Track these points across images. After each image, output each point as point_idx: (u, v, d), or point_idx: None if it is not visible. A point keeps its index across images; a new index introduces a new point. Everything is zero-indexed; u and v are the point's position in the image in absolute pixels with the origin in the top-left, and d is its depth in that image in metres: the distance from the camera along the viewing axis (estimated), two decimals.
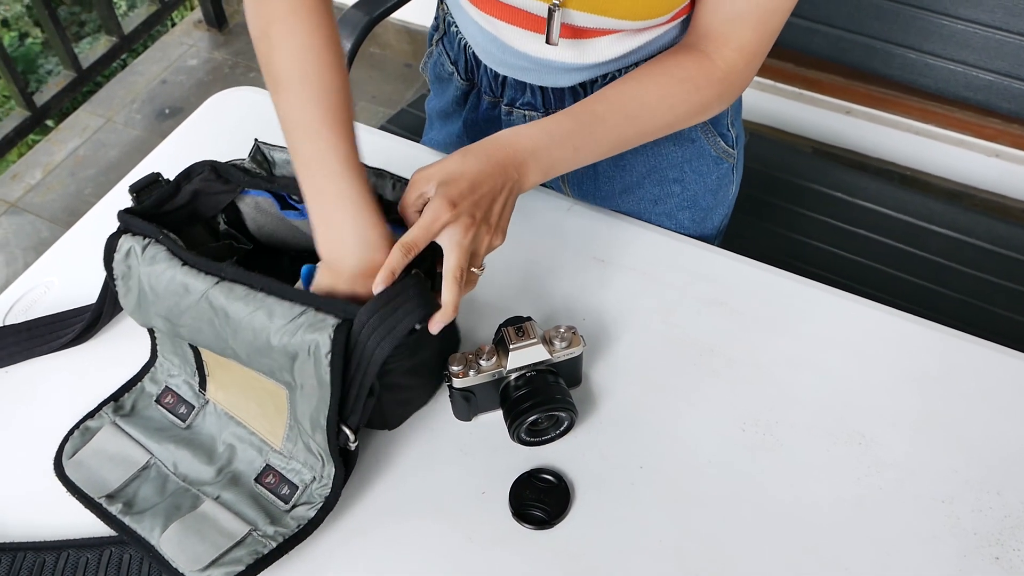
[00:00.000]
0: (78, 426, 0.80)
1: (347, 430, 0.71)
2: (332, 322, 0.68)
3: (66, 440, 0.80)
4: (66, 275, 0.94)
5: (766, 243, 1.25)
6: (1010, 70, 1.16)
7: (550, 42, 0.81)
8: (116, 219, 0.77)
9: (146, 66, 2.39)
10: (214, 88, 2.28)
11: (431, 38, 1.04)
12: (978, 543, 0.72)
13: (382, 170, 0.80)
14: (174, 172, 0.81)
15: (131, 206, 0.78)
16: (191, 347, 0.79)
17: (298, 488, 0.75)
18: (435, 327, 0.70)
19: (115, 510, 0.74)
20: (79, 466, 0.78)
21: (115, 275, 0.76)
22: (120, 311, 0.89)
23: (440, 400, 0.82)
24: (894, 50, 1.22)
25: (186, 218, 0.81)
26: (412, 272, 0.70)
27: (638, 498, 0.76)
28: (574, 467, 0.78)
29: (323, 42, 0.73)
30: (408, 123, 1.40)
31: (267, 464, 0.77)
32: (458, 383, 0.76)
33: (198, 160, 0.81)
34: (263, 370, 0.73)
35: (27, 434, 0.82)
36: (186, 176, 0.80)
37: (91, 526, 0.75)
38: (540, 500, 0.75)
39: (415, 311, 0.68)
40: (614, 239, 0.95)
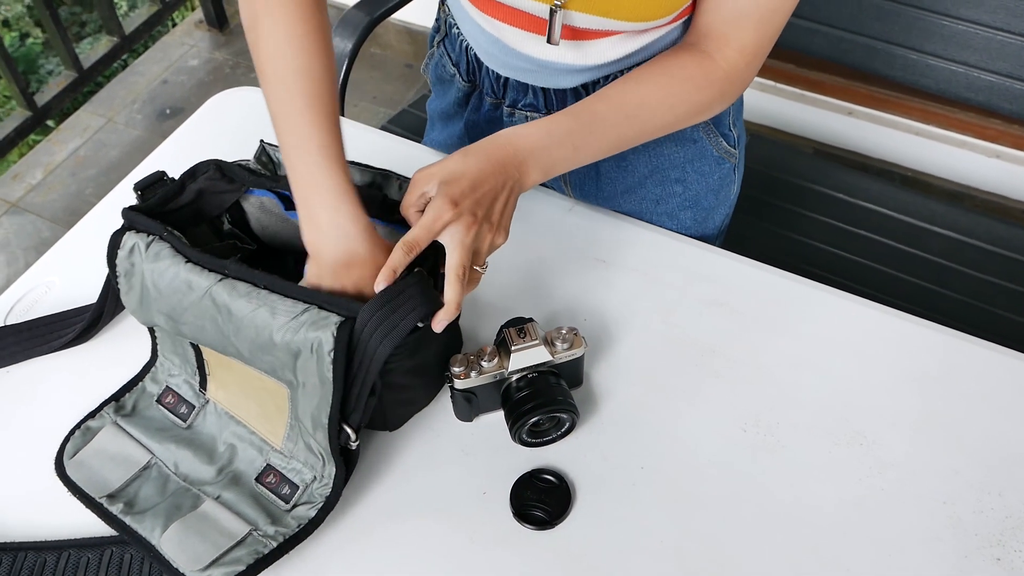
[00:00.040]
0: (79, 426, 0.80)
1: (348, 429, 0.71)
2: (335, 320, 0.68)
3: (67, 440, 0.80)
4: (67, 275, 0.94)
5: (767, 244, 1.25)
6: (1011, 71, 1.16)
7: (551, 42, 0.81)
8: (119, 217, 0.77)
9: (147, 66, 2.39)
10: (215, 88, 2.28)
11: (432, 39, 1.04)
12: (979, 544, 0.72)
13: (388, 171, 0.80)
14: (175, 172, 0.81)
15: (135, 204, 0.78)
16: (192, 346, 0.79)
17: (299, 488, 0.75)
18: (438, 325, 0.70)
19: (116, 510, 0.74)
20: (80, 466, 0.78)
21: (118, 272, 0.76)
22: (121, 310, 0.89)
23: (441, 400, 0.82)
24: (895, 51, 1.22)
25: (190, 217, 0.81)
26: (415, 271, 0.70)
27: (639, 498, 0.76)
28: (575, 468, 0.78)
29: (307, 31, 0.74)
30: (409, 123, 1.41)
31: (268, 464, 0.77)
32: (460, 384, 0.76)
33: (199, 160, 0.81)
34: (265, 368, 0.73)
35: (28, 434, 0.82)
36: (191, 175, 0.80)
37: (92, 526, 0.75)
38: (541, 500, 0.75)
39: (418, 309, 0.68)
40: (615, 240, 0.95)
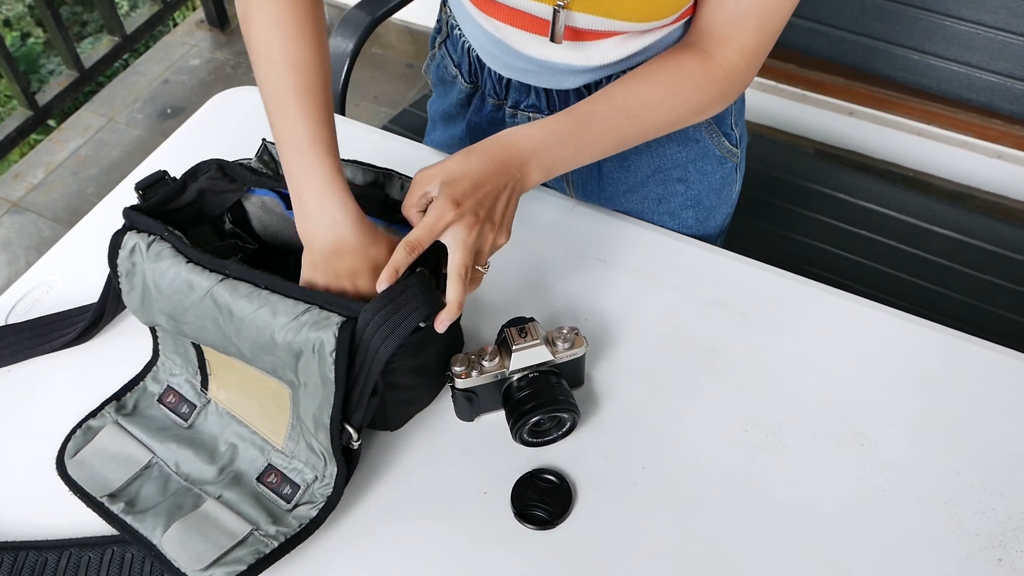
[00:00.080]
0: (80, 425, 0.80)
1: (350, 429, 0.71)
2: (337, 320, 0.68)
3: (68, 439, 0.80)
4: (68, 274, 0.94)
5: (768, 244, 1.25)
6: (1013, 71, 1.16)
7: (555, 40, 0.81)
8: (120, 217, 0.77)
9: (148, 66, 2.39)
10: (216, 88, 2.28)
11: (433, 41, 1.04)
12: (981, 544, 0.72)
13: (389, 170, 0.80)
14: (176, 172, 0.81)
15: (136, 203, 0.78)
16: (193, 346, 0.79)
17: (300, 488, 0.75)
18: (440, 325, 0.70)
19: (117, 509, 0.74)
20: (81, 465, 0.78)
21: (119, 272, 0.76)
22: (122, 310, 0.89)
23: (442, 400, 0.82)
24: (897, 51, 1.22)
25: (192, 217, 0.81)
26: (417, 271, 0.70)
27: (640, 499, 0.76)
28: (576, 467, 0.77)
29: (298, 20, 0.74)
30: (410, 123, 1.41)
31: (269, 463, 0.77)
32: (461, 383, 0.76)
33: (200, 160, 0.81)
34: (266, 368, 0.73)
35: (29, 433, 0.82)
36: (192, 174, 0.80)
37: (93, 525, 0.75)
38: (542, 500, 0.75)
39: (420, 308, 0.68)
40: (616, 239, 0.94)
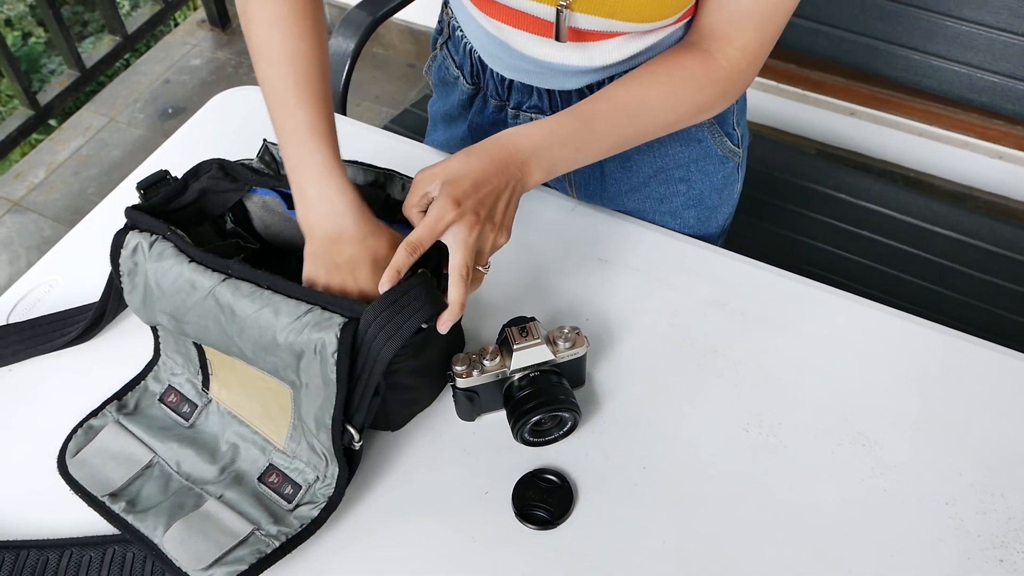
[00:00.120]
0: (81, 424, 0.80)
1: (352, 429, 0.71)
2: (339, 321, 0.68)
3: (69, 438, 0.80)
4: (69, 274, 0.94)
5: (769, 244, 1.25)
6: (1015, 72, 1.16)
7: (560, 39, 0.81)
8: (122, 216, 0.77)
9: (149, 66, 2.39)
10: (217, 88, 2.28)
11: (435, 42, 1.04)
12: (982, 545, 0.72)
13: (391, 170, 0.80)
14: (178, 172, 0.81)
15: (138, 203, 0.78)
16: (195, 345, 0.79)
17: (301, 488, 0.75)
18: (443, 326, 0.70)
19: (118, 509, 0.74)
20: (82, 464, 0.78)
21: (121, 271, 0.76)
22: (123, 309, 0.89)
23: (444, 400, 0.82)
24: (898, 51, 1.22)
25: (193, 216, 0.81)
26: (419, 271, 0.70)
27: (641, 499, 0.76)
28: (577, 467, 0.77)
29: (295, 13, 0.75)
30: (411, 123, 1.41)
31: (270, 463, 0.77)
32: (462, 383, 0.76)
33: (201, 160, 0.81)
34: (268, 368, 0.73)
35: (30, 432, 0.82)
36: (194, 174, 0.80)
37: (94, 524, 0.75)
38: (543, 500, 0.75)
39: (422, 310, 0.68)
40: (618, 239, 0.94)
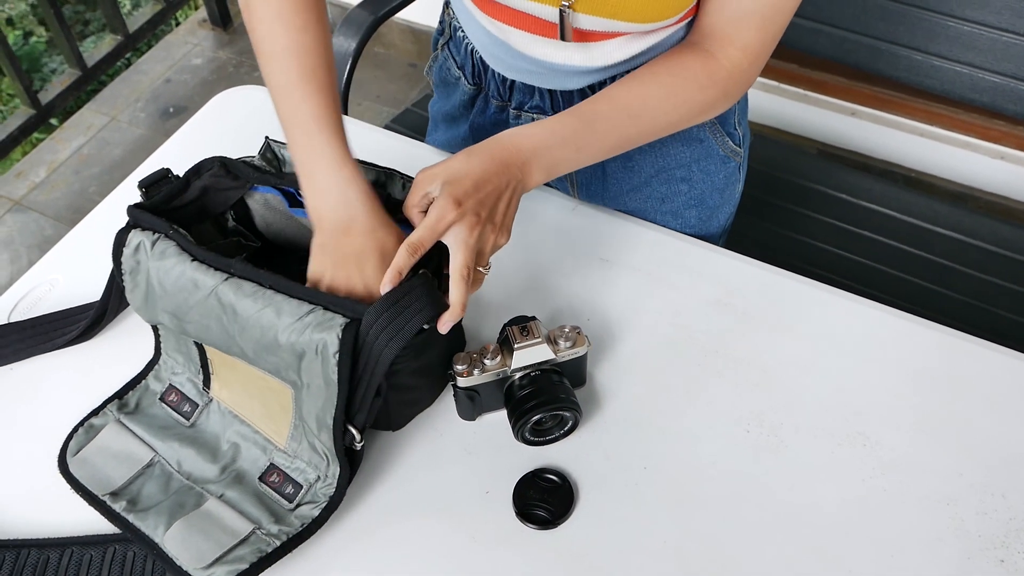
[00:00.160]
0: (82, 423, 0.80)
1: (353, 430, 0.71)
2: (340, 321, 0.68)
3: (70, 437, 0.80)
4: (70, 273, 0.94)
5: (770, 244, 1.25)
6: (1016, 72, 1.15)
7: (564, 39, 0.81)
8: (123, 215, 0.77)
9: (150, 65, 2.39)
10: (218, 87, 2.28)
11: (436, 42, 1.04)
12: (982, 546, 0.72)
13: (392, 169, 0.80)
14: (179, 171, 0.81)
15: (140, 201, 0.78)
16: (196, 345, 0.79)
17: (302, 487, 0.75)
18: (443, 327, 0.70)
19: (119, 508, 0.74)
20: (83, 463, 0.78)
21: (123, 270, 0.76)
22: (124, 308, 0.89)
23: (444, 399, 0.82)
24: (899, 51, 1.22)
25: (195, 214, 0.81)
26: (419, 272, 0.70)
27: (642, 498, 0.76)
28: (578, 467, 0.77)
29: (298, 9, 0.75)
30: (412, 123, 1.41)
31: (271, 463, 0.77)
32: (462, 382, 0.76)
33: (202, 158, 0.81)
34: (269, 368, 0.73)
35: (31, 431, 0.82)
36: (196, 172, 0.80)
37: (95, 523, 0.75)
38: (544, 500, 0.75)
39: (423, 311, 0.68)
40: (619, 239, 0.94)
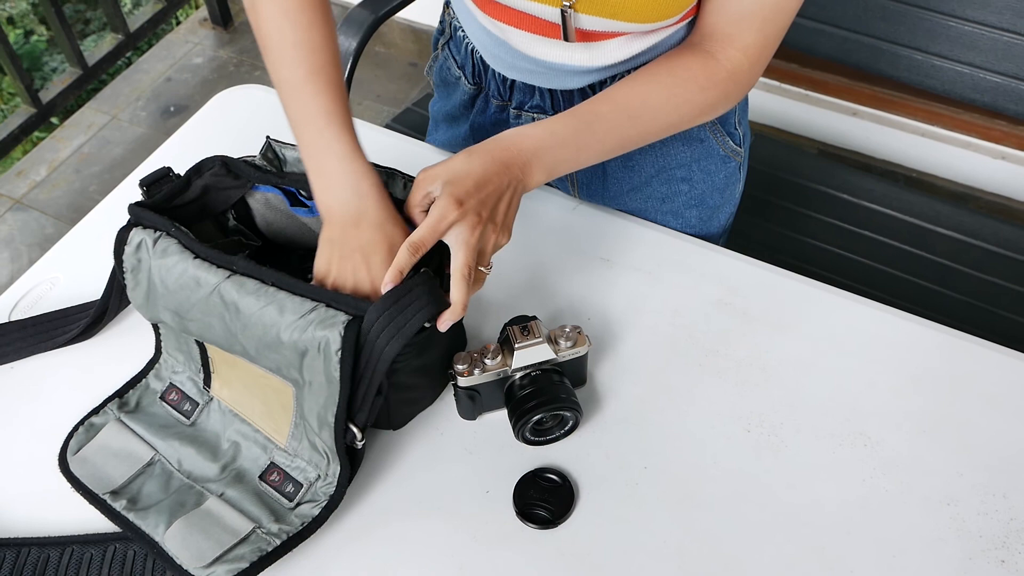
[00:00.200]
0: (83, 422, 0.80)
1: (354, 428, 0.71)
2: (343, 319, 0.68)
3: (71, 436, 0.80)
4: (71, 271, 0.94)
5: (771, 244, 1.25)
6: (1017, 72, 1.15)
7: (568, 40, 0.81)
8: (124, 214, 0.77)
9: (151, 64, 2.39)
10: (219, 86, 2.28)
11: (436, 42, 1.04)
12: (984, 546, 0.72)
13: (393, 170, 0.80)
14: (180, 169, 0.81)
15: (141, 199, 0.78)
16: (197, 343, 0.79)
17: (303, 486, 0.75)
18: (443, 325, 0.70)
19: (119, 506, 0.74)
20: (83, 462, 0.78)
21: (124, 268, 0.76)
22: (125, 307, 0.89)
23: (445, 399, 0.82)
24: (900, 51, 1.22)
25: (196, 213, 0.81)
26: (421, 270, 0.70)
27: (642, 498, 0.76)
28: (578, 467, 0.77)
29: (303, 6, 0.75)
30: (413, 122, 1.40)
31: (272, 462, 0.77)
32: (463, 382, 0.76)
33: (203, 158, 0.81)
34: (270, 367, 0.73)
35: (32, 430, 0.82)
36: (197, 171, 0.80)
37: (95, 522, 0.75)
38: (544, 500, 0.75)
39: (425, 308, 0.68)
40: (620, 239, 0.94)
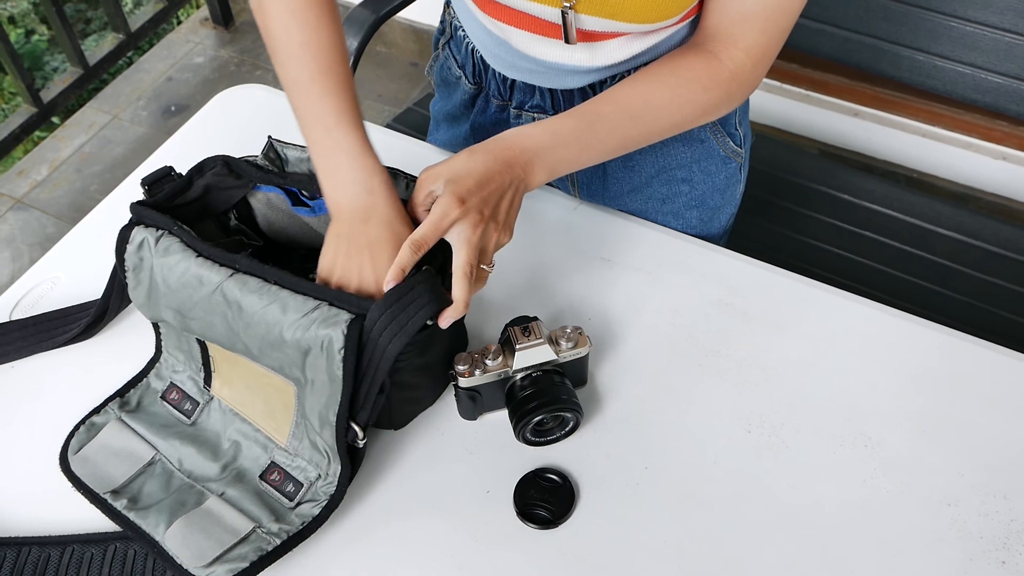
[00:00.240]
0: (83, 421, 0.80)
1: (356, 427, 0.71)
2: (346, 317, 0.68)
3: (71, 435, 0.80)
4: (72, 271, 0.94)
5: (772, 244, 1.25)
6: (1019, 73, 1.15)
7: (569, 42, 0.81)
8: (125, 213, 0.77)
9: (152, 63, 2.39)
10: (220, 86, 2.28)
11: (437, 42, 1.04)
12: (984, 547, 0.72)
13: (396, 169, 0.80)
14: (181, 169, 0.81)
15: (143, 198, 0.78)
16: (198, 342, 0.79)
17: (303, 486, 0.75)
18: (444, 322, 0.70)
19: (120, 506, 0.74)
20: (84, 461, 0.78)
21: (126, 267, 0.76)
22: (126, 306, 0.89)
23: (446, 399, 0.82)
24: (902, 52, 1.22)
25: (197, 213, 0.81)
26: (423, 269, 0.70)
27: (643, 498, 0.76)
28: (579, 467, 0.77)
29: (311, 5, 0.76)
30: (414, 122, 1.40)
31: (272, 461, 0.77)
32: (464, 383, 0.76)
33: (204, 157, 0.81)
34: (272, 365, 0.73)
35: (33, 429, 0.82)
36: (199, 170, 0.80)
37: (96, 521, 0.75)
38: (545, 500, 0.75)
39: (427, 306, 0.68)
40: (620, 239, 0.94)
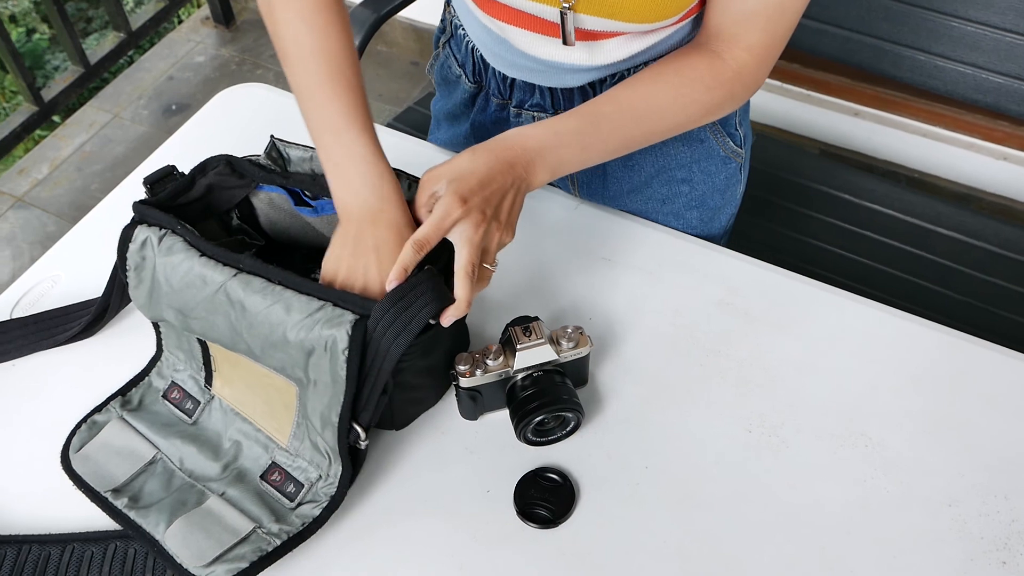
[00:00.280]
0: (85, 420, 0.80)
1: (358, 428, 0.71)
2: (350, 318, 0.68)
3: (73, 434, 0.80)
4: (73, 269, 0.94)
5: (772, 244, 1.25)
6: (1020, 73, 1.15)
7: (567, 43, 0.81)
8: (126, 212, 0.77)
9: (153, 62, 2.39)
10: (221, 85, 2.28)
11: (437, 40, 1.04)
12: (985, 547, 0.72)
13: (398, 170, 0.80)
14: (182, 168, 0.81)
15: (146, 197, 0.78)
16: (199, 342, 0.79)
17: (304, 486, 0.75)
18: (447, 320, 0.70)
19: (121, 504, 0.75)
20: (86, 460, 0.78)
21: (128, 266, 0.76)
22: (127, 304, 0.89)
23: (447, 399, 0.82)
24: (903, 52, 1.22)
25: (200, 212, 0.81)
26: (425, 268, 0.70)
27: (643, 498, 0.76)
28: (579, 467, 0.77)
29: (320, 10, 0.76)
30: (415, 121, 1.40)
31: (273, 461, 0.77)
32: (465, 383, 0.76)
33: (205, 157, 0.81)
34: (275, 365, 0.73)
35: (34, 428, 0.82)
36: (201, 170, 0.80)
37: (96, 520, 0.75)
38: (545, 499, 0.75)
39: (430, 304, 0.68)
40: (621, 239, 0.94)
